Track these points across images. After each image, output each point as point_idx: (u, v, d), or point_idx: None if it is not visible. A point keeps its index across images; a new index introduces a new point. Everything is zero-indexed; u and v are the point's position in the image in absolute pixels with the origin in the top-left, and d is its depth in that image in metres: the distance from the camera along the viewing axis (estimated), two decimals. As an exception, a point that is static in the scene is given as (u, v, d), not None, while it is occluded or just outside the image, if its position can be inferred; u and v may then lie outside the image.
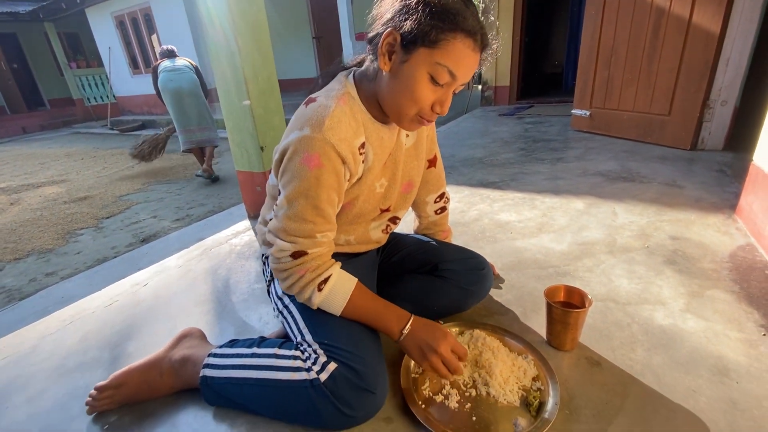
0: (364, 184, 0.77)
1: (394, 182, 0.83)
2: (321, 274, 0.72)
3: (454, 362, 0.73)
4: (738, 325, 0.92)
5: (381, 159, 0.78)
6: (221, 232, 1.79)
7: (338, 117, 0.67)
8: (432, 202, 1.05)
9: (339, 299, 0.73)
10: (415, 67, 0.64)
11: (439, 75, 0.64)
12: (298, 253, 0.70)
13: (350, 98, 0.71)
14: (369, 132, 0.74)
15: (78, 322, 1.18)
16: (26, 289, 1.97)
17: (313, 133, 0.65)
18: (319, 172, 0.66)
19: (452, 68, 0.63)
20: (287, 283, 0.72)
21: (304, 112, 0.68)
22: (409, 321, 0.75)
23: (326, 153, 0.65)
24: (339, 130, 0.66)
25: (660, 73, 2.29)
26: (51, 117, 9.84)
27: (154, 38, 7.79)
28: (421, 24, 0.60)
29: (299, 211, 0.68)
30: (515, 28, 4.34)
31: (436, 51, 0.62)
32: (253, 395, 0.72)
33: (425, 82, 0.64)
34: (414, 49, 0.63)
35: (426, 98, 0.66)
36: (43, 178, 4.33)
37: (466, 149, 2.83)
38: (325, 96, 0.70)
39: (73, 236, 2.63)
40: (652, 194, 1.71)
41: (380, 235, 0.92)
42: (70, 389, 0.90)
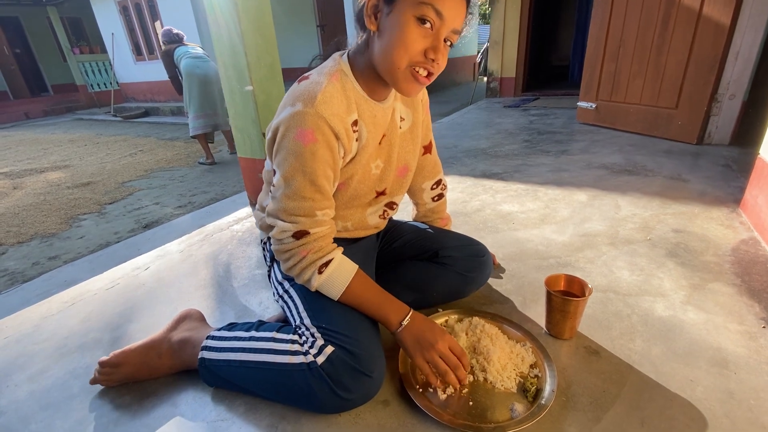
0: (359, 163, 0.77)
1: (389, 164, 0.83)
2: (323, 256, 0.72)
3: (452, 359, 0.71)
4: (738, 318, 0.91)
5: (375, 137, 0.78)
6: (223, 219, 1.80)
7: (330, 92, 0.67)
8: (429, 189, 1.05)
9: (338, 284, 0.73)
10: (401, 14, 0.63)
11: (425, 13, 0.61)
12: (301, 233, 0.70)
13: (342, 75, 0.71)
14: (362, 109, 0.73)
15: (79, 303, 1.19)
16: (29, 273, 1.98)
17: (306, 108, 0.64)
18: (314, 147, 0.65)
19: (437, 5, 0.61)
20: (289, 263, 0.73)
21: (296, 88, 0.68)
22: (408, 313, 0.75)
23: (320, 127, 0.65)
24: (331, 105, 0.66)
25: (668, 66, 2.26)
26: (54, 103, 9.83)
27: (158, 25, 7.73)
28: None
29: (297, 189, 0.68)
30: (522, 19, 4.28)
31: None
32: (251, 377, 0.73)
33: (413, 26, 0.63)
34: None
35: (416, 42, 0.64)
36: (46, 164, 4.33)
37: (470, 140, 2.81)
38: (317, 73, 0.70)
39: (76, 221, 2.64)
40: (656, 187, 1.69)
41: (378, 220, 0.91)
42: (70, 369, 0.91)
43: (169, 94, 8.29)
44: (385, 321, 0.75)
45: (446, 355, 0.72)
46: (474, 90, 5.29)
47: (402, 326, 0.74)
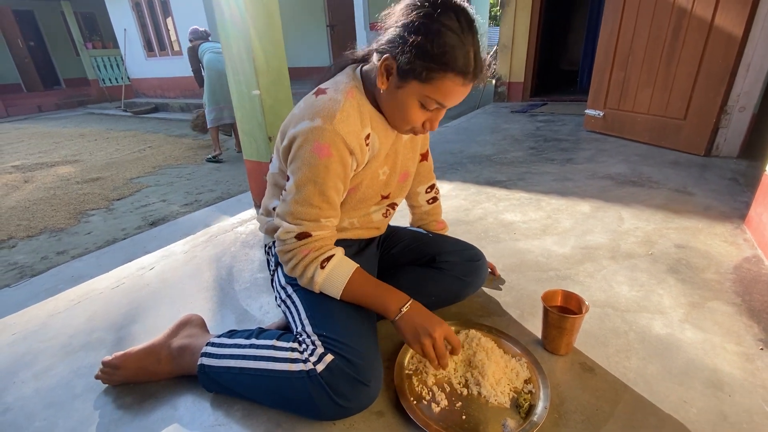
0: (369, 170, 0.81)
1: (394, 171, 0.88)
2: (324, 252, 0.75)
3: (443, 351, 0.74)
4: (736, 338, 0.91)
5: (385, 148, 0.82)
6: (227, 220, 1.82)
7: (348, 111, 0.71)
8: (423, 192, 1.10)
9: (340, 278, 0.75)
10: (407, 95, 0.70)
11: (429, 104, 0.70)
12: (303, 234, 0.74)
13: (357, 92, 0.75)
14: (374, 123, 0.78)
15: (85, 302, 1.21)
16: (38, 267, 2.02)
17: (325, 125, 0.69)
18: (328, 161, 0.70)
19: (441, 100, 0.69)
20: (292, 263, 0.75)
21: (315, 103, 0.72)
22: (408, 302, 0.77)
23: (336, 144, 0.69)
24: (348, 123, 0.71)
25: (678, 76, 2.24)
26: (66, 96, 9.96)
27: (169, 21, 7.80)
28: (413, 64, 0.65)
29: (307, 196, 0.72)
30: (532, 25, 4.26)
31: (426, 86, 0.67)
32: (250, 384, 0.74)
33: (416, 108, 0.71)
34: (407, 80, 0.68)
35: (416, 119, 0.73)
36: (57, 158, 4.40)
37: (476, 146, 2.81)
38: (334, 89, 0.74)
39: (85, 216, 2.69)
40: (660, 200, 1.68)
41: (381, 218, 0.94)
42: (75, 368, 0.93)
43: (178, 91, 8.37)
44: (385, 309, 0.76)
45: (440, 345, 0.73)
46: (482, 94, 5.27)
47: (401, 312, 0.75)
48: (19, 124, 7.53)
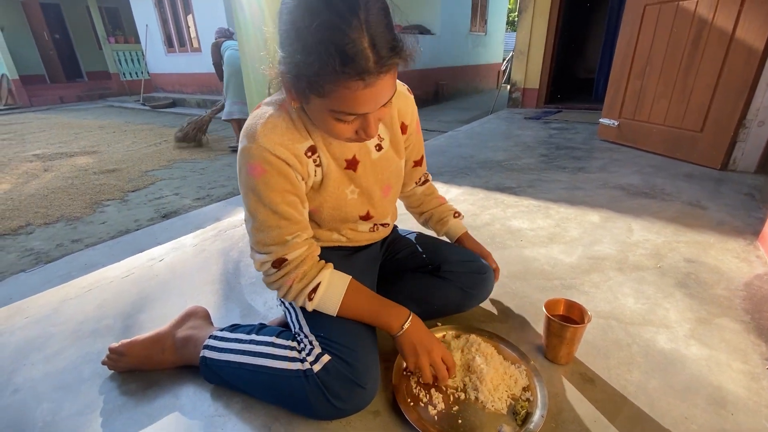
0: (326, 191, 0.76)
1: (370, 189, 0.81)
2: (308, 283, 0.73)
3: (442, 370, 0.76)
4: (743, 356, 0.89)
5: (340, 163, 0.76)
6: (237, 215, 1.84)
7: (272, 123, 0.66)
8: (413, 185, 1.04)
9: (332, 303, 0.74)
10: (317, 112, 0.62)
11: (342, 116, 0.60)
12: (279, 261, 0.71)
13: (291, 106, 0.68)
14: (317, 136, 0.71)
15: (96, 290, 1.24)
16: (53, 254, 2.07)
17: (249, 143, 0.65)
18: (265, 177, 0.66)
19: (351, 110, 0.58)
20: (280, 293, 0.74)
21: (246, 122, 0.69)
22: (409, 317, 0.77)
23: (265, 159, 0.65)
24: (273, 135, 0.65)
25: (696, 88, 2.21)
26: (88, 89, 10.20)
27: (190, 19, 7.94)
28: (300, 80, 0.57)
29: (263, 220, 0.69)
30: (549, 31, 4.23)
31: (326, 100, 0.58)
32: (248, 380, 0.75)
33: (333, 122, 0.61)
34: (307, 96, 0.59)
35: (343, 132, 0.63)
36: (76, 148, 4.51)
37: (487, 151, 2.81)
38: (267, 103, 0.70)
39: (100, 206, 2.75)
40: (672, 213, 1.66)
41: (371, 234, 0.91)
42: (83, 353, 0.96)
43: (195, 87, 8.51)
44: (386, 327, 0.77)
45: (437, 365, 0.75)
46: (496, 99, 5.25)
47: (403, 330, 0.76)
48: (41, 114, 7.74)
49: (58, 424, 0.77)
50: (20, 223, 2.47)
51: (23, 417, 0.79)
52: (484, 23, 9.35)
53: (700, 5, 2.12)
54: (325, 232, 0.85)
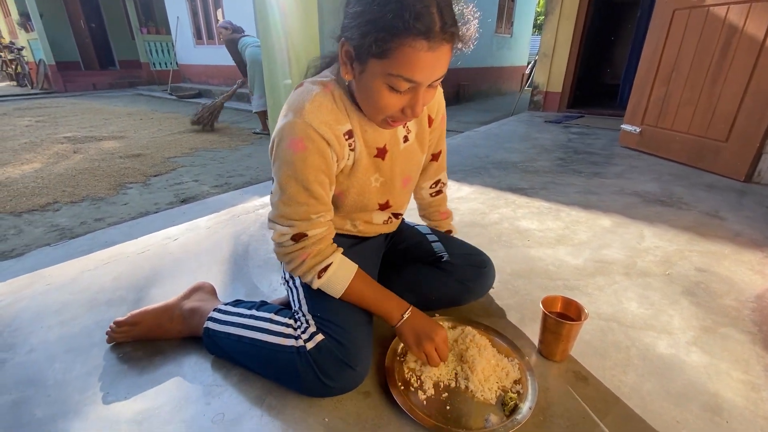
0: (354, 176, 0.78)
1: (392, 178, 0.83)
2: (321, 261, 0.74)
3: (445, 352, 0.78)
4: (745, 367, 0.87)
5: (371, 150, 0.78)
6: (251, 202, 1.89)
7: (319, 101, 0.67)
8: (427, 188, 1.06)
9: (338, 285, 0.76)
10: (371, 79, 0.62)
11: (397, 84, 0.60)
12: (299, 236, 0.73)
13: (335, 85, 0.71)
14: (354, 121, 0.73)
15: (113, 263, 1.30)
16: (77, 230, 2.17)
17: (295, 118, 0.66)
18: (304, 154, 0.67)
19: (409, 75, 0.59)
20: (291, 266, 0.76)
21: (290, 98, 0.70)
22: (408, 308, 0.80)
23: (309, 136, 0.66)
24: (319, 113, 0.67)
25: (723, 97, 2.14)
26: (119, 77, 10.55)
27: (219, 12, 8.12)
28: (365, 36, 0.57)
29: (292, 195, 0.70)
30: (575, 35, 4.16)
31: (386, 62, 0.58)
32: (245, 352, 0.79)
33: (385, 92, 0.62)
34: (366, 61, 0.60)
35: (391, 106, 0.64)
36: (105, 133, 4.68)
37: (503, 152, 2.79)
38: (312, 81, 0.71)
39: (123, 189, 2.85)
40: (688, 222, 1.62)
41: (384, 224, 0.93)
42: (97, 320, 1.01)
43: (221, 78, 8.70)
44: (386, 316, 0.79)
45: (441, 347, 0.78)
46: (517, 101, 5.19)
47: (403, 319, 0.78)
48: (74, 99, 8.05)
49: (69, 382, 0.82)
50: (48, 200, 2.59)
51: (37, 374, 0.84)
52: (510, 25, 9.23)
53: (731, 11, 2.05)
54: (338, 219, 0.86)
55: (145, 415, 0.74)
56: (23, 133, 4.60)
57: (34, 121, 5.40)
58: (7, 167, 3.27)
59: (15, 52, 9.92)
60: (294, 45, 1.63)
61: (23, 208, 2.46)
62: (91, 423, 0.73)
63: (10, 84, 10.85)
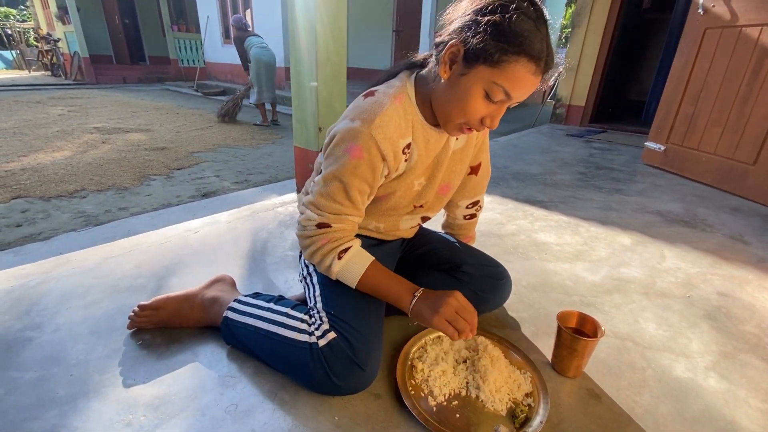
0: (404, 181, 0.81)
1: (432, 182, 0.86)
2: (342, 244, 0.77)
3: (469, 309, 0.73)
4: (764, 395, 0.85)
5: (425, 161, 0.81)
6: (270, 200, 1.93)
7: (389, 115, 0.70)
8: (464, 207, 1.07)
9: (356, 270, 0.76)
10: (473, 82, 0.65)
11: (495, 93, 0.65)
12: (323, 224, 0.75)
13: (406, 98, 0.75)
14: (417, 134, 0.77)
15: (136, 252, 1.34)
16: (101, 218, 2.24)
17: (362, 127, 0.69)
18: (357, 162, 0.70)
19: (509, 89, 0.64)
20: (310, 249, 0.77)
21: (360, 104, 0.73)
22: (419, 288, 0.77)
23: (368, 147, 0.69)
24: (387, 129, 0.70)
25: (752, 118, 2.09)
26: (148, 72, 10.86)
27: (248, 13, 8.31)
28: (487, 44, 0.61)
29: (331, 191, 0.73)
30: (602, 49, 4.11)
31: (495, 71, 0.63)
32: (261, 344, 0.80)
33: (479, 98, 0.66)
34: (474, 65, 0.64)
35: (477, 111, 0.68)
36: (132, 125, 4.83)
37: (522, 164, 2.77)
38: (383, 92, 0.74)
39: (147, 180, 2.94)
40: (711, 245, 1.58)
41: (409, 228, 0.96)
42: (118, 305, 1.05)
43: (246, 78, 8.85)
44: (399, 298, 0.77)
45: (462, 306, 0.73)
46: (539, 113, 5.15)
47: (415, 298, 0.75)
48: (105, 91, 8.33)
49: (89, 363, 0.85)
50: (76, 187, 2.68)
51: (60, 353, 0.87)
52: (535, 37, 9.17)
53: (765, 33, 2.01)
54: (365, 217, 0.88)
55: (162, 400, 0.76)
56: (55, 122, 4.78)
57: (66, 111, 5.61)
58: (39, 153, 3.40)
59: (51, 44, 10.34)
60: (321, 48, 1.67)
61: (52, 193, 2.55)
62: (110, 404, 0.75)
63: (45, 74, 11.29)
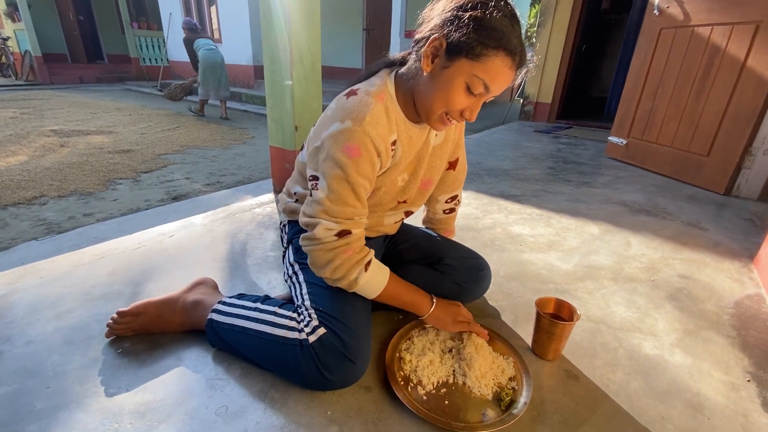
0: (388, 177, 0.83)
1: (415, 178, 0.89)
2: (365, 255, 0.78)
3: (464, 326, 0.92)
4: (725, 368, 0.92)
5: (408, 157, 0.84)
6: (247, 201, 1.90)
7: (377, 114, 0.73)
8: (443, 202, 1.10)
9: (380, 282, 0.81)
10: (454, 75, 0.68)
11: (475, 86, 0.68)
12: (344, 232, 0.74)
13: (388, 96, 0.77)
14: (401, 130, 0.79)
15: (108, 258, 1.29)
16: (65, 225, 2.13)
17: (355, 126, 0.70)
18: (358, 160, 0.71)
19: (488, 82, 0.68)
20: (334, 264, 0.75)
21: (345, 105, 0.73)
22: (433, 297, 0.92)
23: (365, 144, 0.71)
24: (377, 126, 0.72)
25: (705, 113, 2.24)
26: (107, 71, 10.36)
27: (213, 10, 8.07)
28: (469, 38, 0.64)
29: (341, 196, 0.73)
30: (566, 48, 4.28)
31: (476, 64, 0.66)
32: (249, 344, 0.80)
33: (461, 90, 0.69)
34: (456, 58, 0.67)
35: (458, 103, 0.71)
36: (92, 127, 4.60)
37: (495, 160, 2.85)
38: (366, 92, 0.75)
39: (113, 184, 2.81)
40: (671, 231, 1.69)
41: (393, 225, 0.98)
42: (93, 313, 1.01)
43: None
44: (418, 308, 0.89)
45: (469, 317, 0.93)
46: (508, 111, 5.30)
47: (433, 305, 0.90)
48: (60, 92, 7.88)
49: (68, 374, 0.82)
50: (34, 193, 2.54)
51: (35, 365, 0.84)
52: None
53: (715, 32, 2.16)
54: None
55: (147, 407, 0.75)
56: (8, 125, 4.49)
57: (19, 113, 5.28)
58: (-10, 159, 3.19)
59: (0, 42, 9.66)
60: (296, 46, 1.65)
61: (8, 201, 2.40)
62: (93, 414, 0.73)
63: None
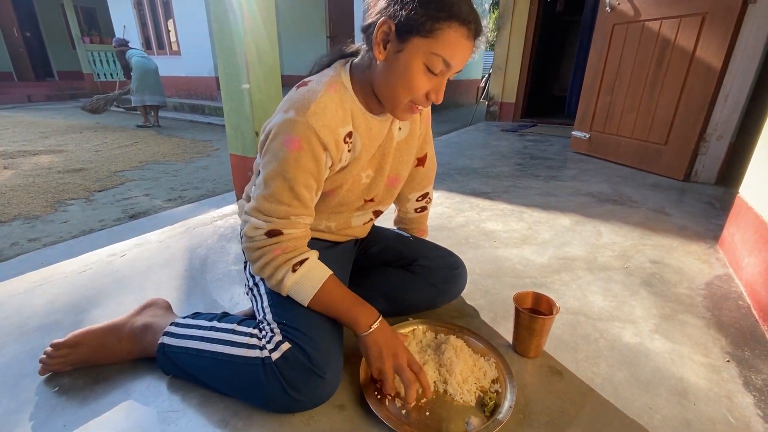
0: (349, 173, 0.77)
1: (380, 174, 0.83)
2: (297, 255, 0.71)
3: (409, 374, 0.70)
4: (704, 350, 0.92)
5: (369, 150, 0.78)
6: (207, 213, 1.79)
7: (324, 103, 0.67)
8: (414, 200, 1.05)
9: (311, 285, 0.71)
10: (410, 57, 0.63)
11: (434, 64, 0.63)
12: (273, 232, 0.69)
13: (342, 86, 0.71)
14: (358, 122, 0.73)
15: (48, 284, 1.17)
16: (6, 253, 1.95)
17: (297, 117, 0.65)
18: (298, 154, 0.65)
19: (447, 57, 0.63)
20: (261, 262, 0.70)
21: (292, 95, 0.68)
22: (378, 318, 0.74)
23: (307, 137, 0.65)
24: (323, 116, 0.66)
25: (660, 103, 2.32)
26: (58, 88, 9.83)
27: (170, 23, 7.82)
28: (416, 13, 0.60)
29: (275, 192, 0.67)
30: (525, 49, 4.38)
31: (431, 41, 0.62)
32: (206, 368, 0.71)
33: (420, 72, 0.64)
34: (408, 39, 0.62)
35: (421, 87, 0.66)
36: (41, 147, 4.31)
37: (464, 159, 2.85)
38: (317, 81, 0.70)
39: (63, 205, 2.61)
40: (638, 218, 1.71)
41: (361, 226, 0.92)
42: (27, 348, 0.89)
43: (174, 90, 8.34)
44: (353, 323, 0.73)
45: (404, 368, 0.71)
46: (474, 112, 5.37)
47: (371, 329, 0.72)
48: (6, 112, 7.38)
49: (-8, 421, 0.70)
50: (-28, 220, 2.32)
51: (-48, 415, 0.72)
52: (464, 40, 9.59)
53: (664, 26, 2.24)
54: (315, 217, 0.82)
55: (86, 451, 0.65)
56: (-58, 149, 4.14)
57: (-43, 136, 4.88)
58: None
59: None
60: (252, 46, 1.58)
61: (-60, 230, 2.18)
62: (20, 467, 0.62)
63: (-72, 96, 9.78)
